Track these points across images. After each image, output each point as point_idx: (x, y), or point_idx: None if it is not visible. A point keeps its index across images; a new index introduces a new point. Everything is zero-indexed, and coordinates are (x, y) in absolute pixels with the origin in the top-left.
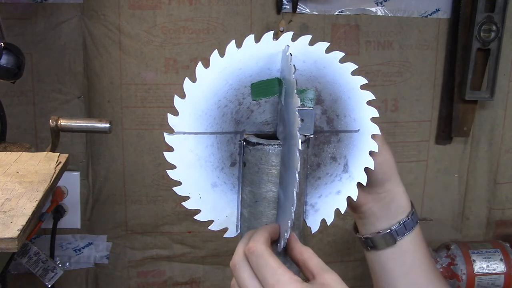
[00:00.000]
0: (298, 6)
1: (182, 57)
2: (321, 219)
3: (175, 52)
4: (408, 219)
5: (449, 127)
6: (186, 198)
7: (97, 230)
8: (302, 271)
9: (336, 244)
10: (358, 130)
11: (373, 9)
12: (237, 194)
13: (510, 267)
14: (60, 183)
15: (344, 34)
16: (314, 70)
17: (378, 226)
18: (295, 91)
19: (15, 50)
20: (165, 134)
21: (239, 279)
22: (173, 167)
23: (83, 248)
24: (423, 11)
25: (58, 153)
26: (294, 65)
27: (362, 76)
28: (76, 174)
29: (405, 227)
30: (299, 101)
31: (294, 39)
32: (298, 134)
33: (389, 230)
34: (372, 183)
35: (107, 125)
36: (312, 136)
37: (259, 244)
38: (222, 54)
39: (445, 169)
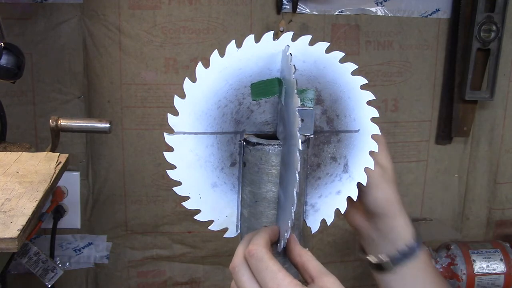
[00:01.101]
0: (298, 6)
1: (182, 57)
2: (321, 219)
3: (175, 52)
4: (409, 249)
5: (449, 127)
6: (186, 198)
7: (97, 230)
8: (300, 273)
9: (336, 244)
10: (358, 130)
11: (373, 9)
12: (237, 194)
13: (510, 267)
14: (60, 183)
15: (344, 34)
16: (314, 70)
17: (377, 250)
18: (295, 91)
19: (15, 50)
20: (165, 134)
21: (238, 283)
22: (173, 167)
23: (83, 248)
24: (423, 11)
25: (58, 153)
26: (294, 65)
27: (362, 76)
28: (76, 174)
29: (404, 256)
30: (299, 101)
31: (294, 39)
32: (298, 134)
33: (387, 259)
34: (369, 214)
35: (107, 125)
36: (312, 136)
37: (259, 247)
38: (222, 54)
39: (445, 169)
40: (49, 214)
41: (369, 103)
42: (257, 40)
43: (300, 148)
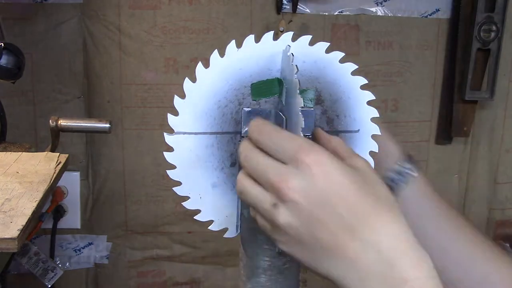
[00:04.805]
0: (298, 6)
1: (182, 57)
2: None
3: (175, 52)
4: (402, 167)
5: (449, 127)
6: (186, 198)
7: (97, 230)
8: None
9: None
10: (358, 130)
11: (373, 9)
12: (237, 195)
13: None
14: (60, 183)
15: (344, 34)
16: (314, 70)
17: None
18: (298, 91)
19: (15, 50)
20: (165, 134)
21: (251, 166)
22: (173, 167)
23: (83, 248)
24: (423, 11)
25: (58, 153)
26: (296, 65)
27: (362, 76)
28: (76, 174)
29: (400, 174)
30: (302, 102)
31: (294, 39)
32: (301, 135)
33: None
34: None
35: (107, 125)
36: (312, 136)
37: (262, 122)
38: (222, 54)
39: (445, 169)
40: (49, 214)
41: (369, 103)
42: (257, 40)
43: None
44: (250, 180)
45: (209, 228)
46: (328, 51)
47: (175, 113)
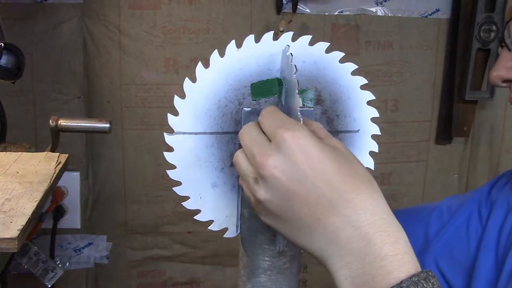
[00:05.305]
0: (298, 6)
1: (182, 57)
2: None
3: (175, 52)
4: None
5: (449, 127)
6: (186, 198)
7: (97, 230)
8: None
9: None
10: (358, 130)
11: (373, 9)
12: (237, 194)
13: None
14: (60, 183)
15: (344, 34)
16: (314, 70)
17: None
18: (296, 91)
19: (15, 50)
20: (165, 134)
21: (243, 140)
22: (173, 167)
23: (83, 248)
24: (423, 11)
25: (58, 153)
26: (295, 65)
27: (362, 76)
28: (76, 174)
29: None
30: (301, 102)
31: (294, 39)
32: None
33: None
34: None
35: (107, 125)
36: None
37: (271, 108)
38: (222, 54)
39: (445, 169)
40: (49, 214)
41: (369, 103)
42: (257, 40)
43: None
44: (244, 153)
45: (209, 228)
46: (328, 51)
47: (175, 113)
